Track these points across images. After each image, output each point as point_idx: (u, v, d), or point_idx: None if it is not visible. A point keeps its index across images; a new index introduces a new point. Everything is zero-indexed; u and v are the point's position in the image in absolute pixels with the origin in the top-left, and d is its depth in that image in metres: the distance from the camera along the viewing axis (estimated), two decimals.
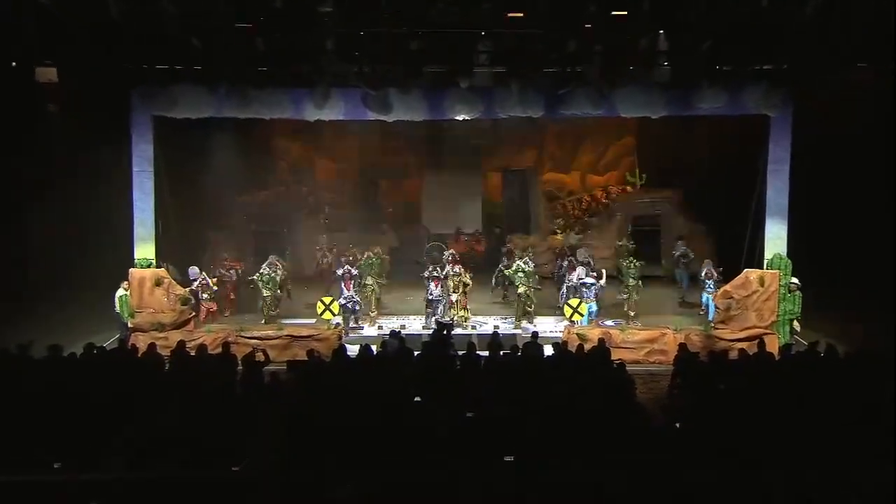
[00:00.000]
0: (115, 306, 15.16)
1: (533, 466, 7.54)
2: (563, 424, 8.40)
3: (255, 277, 16.78)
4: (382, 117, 15.05)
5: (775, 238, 15.16)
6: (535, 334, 12.95)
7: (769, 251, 15.20)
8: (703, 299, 16.45)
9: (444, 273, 16.68)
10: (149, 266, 15.18)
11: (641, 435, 8.22)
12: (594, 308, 16.27)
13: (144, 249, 15.24)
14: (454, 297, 16.32)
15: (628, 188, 24.25)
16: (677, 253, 18.72)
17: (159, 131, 15.17)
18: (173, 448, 7.79)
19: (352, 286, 16.46)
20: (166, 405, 9.05)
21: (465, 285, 16.58)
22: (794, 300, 15.05)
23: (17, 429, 8.09)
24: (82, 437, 8.03)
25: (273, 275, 16.69)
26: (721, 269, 16.53)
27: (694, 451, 7.92)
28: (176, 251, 16.39)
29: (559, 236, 22.01)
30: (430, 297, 16.40)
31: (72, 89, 15.09)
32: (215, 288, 16.61)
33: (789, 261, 15.11)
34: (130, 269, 15.12)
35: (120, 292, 15.15)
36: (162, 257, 15.49)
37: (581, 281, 16.35)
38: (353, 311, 16.44)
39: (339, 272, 16.56)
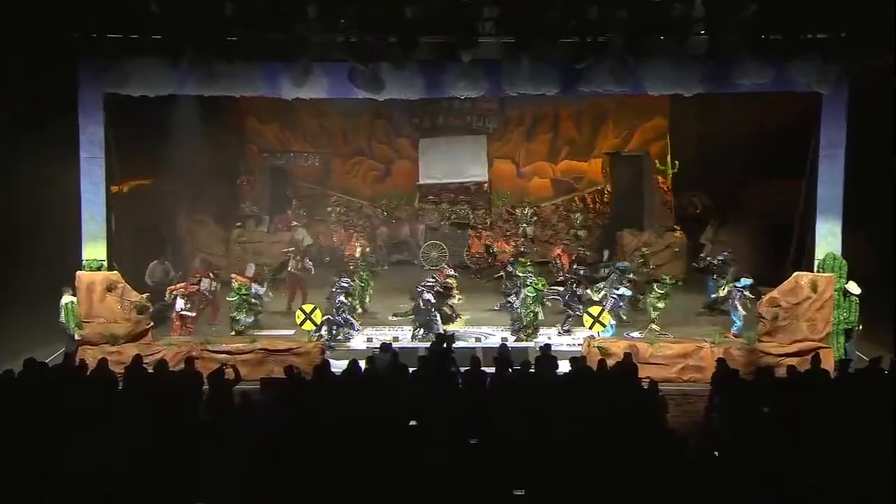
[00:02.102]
0: (60, 315, 15.10)
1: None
2: (582, 453, 8.36)
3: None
4: (373, 95, 15.00)
5: (828, 235, 15.10)
6: (547, 346, 12.93)
7: (821, 251, 15.16)
8: (736, 321, 16.31)
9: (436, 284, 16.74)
10: (99, 268, 15.11)
11: (675, 466, 8.18)
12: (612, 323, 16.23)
13: (94, 249, 15.14)
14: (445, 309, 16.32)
15: (659, 178, 24.20)
16: (711, 259, 18.65)
17: (112, 111, 15.07)
18: (128, 481, 7.74)
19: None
20: (120, 430, 8.99)
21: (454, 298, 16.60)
22: (851, 307, 15.01)
23: None
24: (21, 469, 7.97)
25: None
26: (746, 275, 16.59)
27: (734, 482, 7.88)
28: (130, 251, 16.34)
29: (678, 233, 21.64)
30: (423, 307, 16.36)
31: (7, 61, 15.00)
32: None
33: (844, 261, 15.06)
34: (77, 273, 15.06)
35: (66, 299, 15.08)
36: (114, 257, 15.42)
37: (617, 292, 16.27)
38: (344, 324, 16.38)
39: (338, 299, 16.45)
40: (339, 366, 12.39)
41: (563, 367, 12.34)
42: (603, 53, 14.30)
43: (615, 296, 16.46)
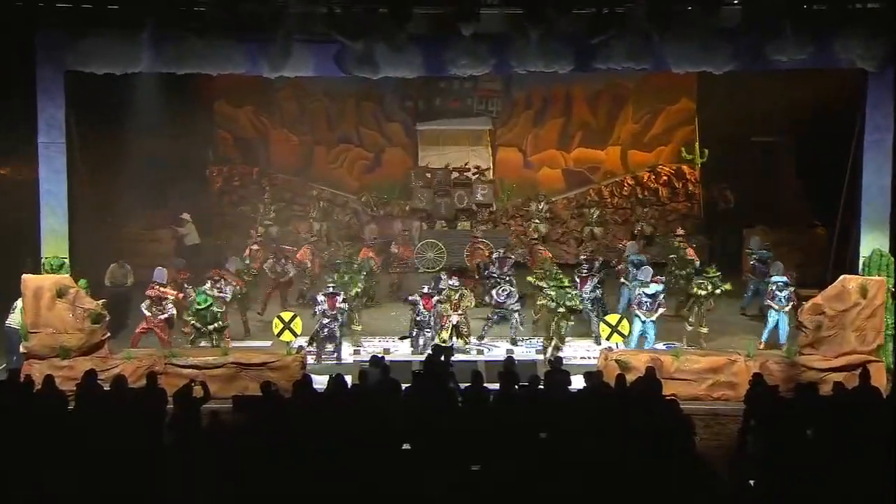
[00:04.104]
0: (9, 321, 15.05)
1: None
2: (596, 480, 8.33)
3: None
4: (367, 74, 15.02)
5: (874, 230, 15.18)
6: (558, 360, 12.88)
7: (866, 247, 15.21)
8: (771, 319, 16.18)
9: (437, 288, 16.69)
10: (61, 266, 15.16)
11: (703, 497, 8.16)
12: (651, 332, 15.95)
13: (55, 245, 15.18)
14: (454, 319, 16.25)
15: (684, 168, 24.19)
16: (754, 254, 18.51)
17: (74, 92, 15.13)
18: None
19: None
20: (69, 460, 8.93)
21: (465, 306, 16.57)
22: None
23: None
24: None
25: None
26: (793, 273, 16.50)
27: None
28: (94, 247, 16.36)
29: (819, 230, 20.95)
30: (418, 318, 16.33)
31: None
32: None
33: (893, 259, 15.13)
34: (23, 276, 15.00)
35: (21, 303, 15.07)
36: (76, 256, 15.44)
37: (642, 290, 16.04)
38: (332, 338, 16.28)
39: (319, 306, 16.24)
40: (322, 381, 12.35)
41: (577, 382, 12.31)
42: (622, 26, 14.31)
43: (647, 294, 16.24)
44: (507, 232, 23.47)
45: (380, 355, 13.65)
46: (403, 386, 11.74)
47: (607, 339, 15.81)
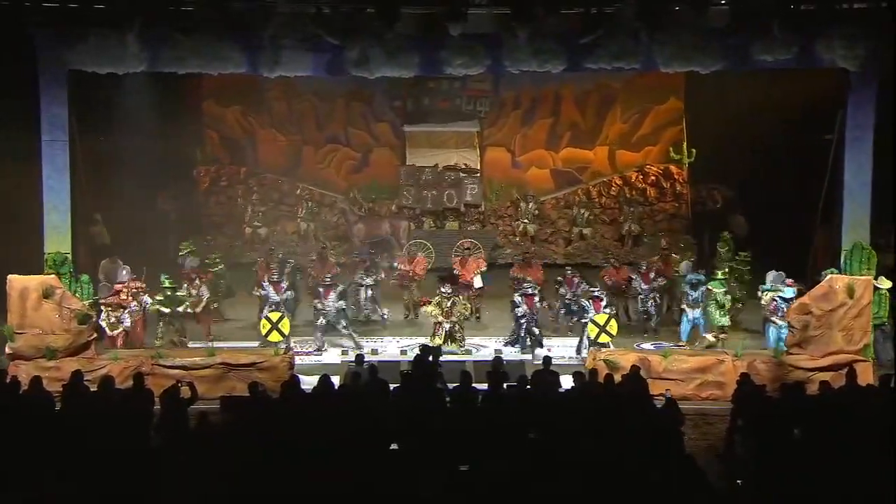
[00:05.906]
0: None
1: None
2: (585, 479, 8.34)
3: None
4: (362, 74, 15.11)
5: (855, 224, 15.33)
6: (547, 360, 12.88)
7: (847, 240, 15.34)
8: (770, 335, 15.92)
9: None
10: (63, 262, 15.19)
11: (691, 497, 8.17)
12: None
13: (58, 241, 15.24)
14: (447, 326, 16.29)
15: (672, 168, 24.24)
16: None
17: (77, 90, 15.22)
18: None
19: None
20: (55, 462, 8.89)
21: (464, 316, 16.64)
22: (880, 302, 15.23)
23: None
24: None
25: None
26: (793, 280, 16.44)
27: None
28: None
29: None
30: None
31: None
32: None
33: (873, 252, 15.26)
34: (8, 276, 14.95)
35: None
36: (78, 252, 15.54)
37: (778, 296, 15.83)
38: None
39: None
40: (310, 382, 12.33)
41: (567, 382, 12.33)
42: (611, 26, 14.36)
43: (783, 299, 15.78)
44: (496, 232, 23.50)
45: (363, 354, 13.68)
46: (391, 386, 11.73)
47: (596, 338, 15.83)
